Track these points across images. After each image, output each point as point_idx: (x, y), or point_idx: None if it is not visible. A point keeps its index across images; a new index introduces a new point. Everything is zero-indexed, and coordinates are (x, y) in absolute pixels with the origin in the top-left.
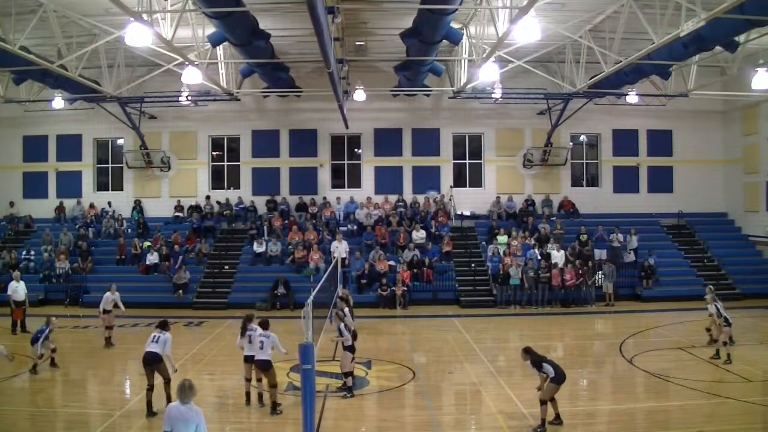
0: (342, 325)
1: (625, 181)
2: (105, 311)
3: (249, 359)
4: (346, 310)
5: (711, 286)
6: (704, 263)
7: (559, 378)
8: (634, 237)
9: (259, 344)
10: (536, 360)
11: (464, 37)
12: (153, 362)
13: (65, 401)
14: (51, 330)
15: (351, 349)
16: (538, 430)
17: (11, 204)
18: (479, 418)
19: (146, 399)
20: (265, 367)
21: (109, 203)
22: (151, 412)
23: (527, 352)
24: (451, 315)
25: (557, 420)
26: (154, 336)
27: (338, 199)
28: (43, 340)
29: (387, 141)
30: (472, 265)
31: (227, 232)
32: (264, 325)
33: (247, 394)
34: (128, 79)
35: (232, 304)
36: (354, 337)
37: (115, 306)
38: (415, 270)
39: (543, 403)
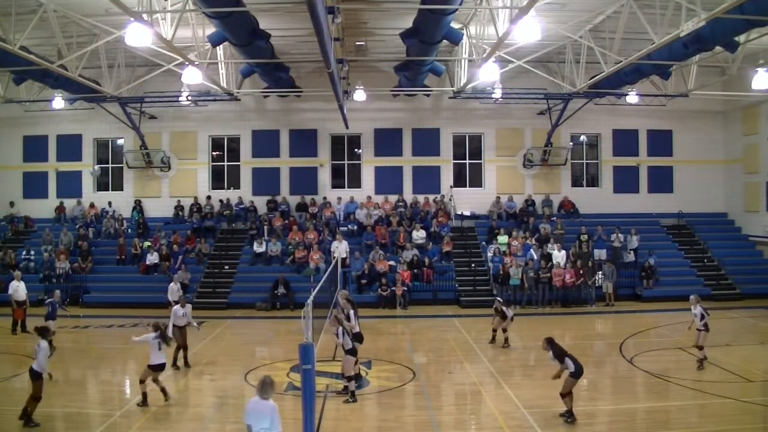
0: (340, 329)
1: (625, 181)
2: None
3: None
4: (352, 312)
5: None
6: (704, 263)
7: (578, 373)
8: (634, 237)
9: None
10: (558, 352)
11: (464, 37)
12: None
13: (65, 401)
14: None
15: (352, 352)
16: (568, 418)
17: (11, 204)
18: (479, 418)
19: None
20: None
21: (110, 203)
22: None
23: (550, 343)
24: (451, 315)
25: (570, 416)
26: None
27: (339, 199)
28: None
29: (387, 141)
30: (472, 265)
31: (227, 232)
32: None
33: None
34: (128, 79)
35: (232, 304)
36: (360, 339)
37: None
38: (415, 270)
39: (564, 396)
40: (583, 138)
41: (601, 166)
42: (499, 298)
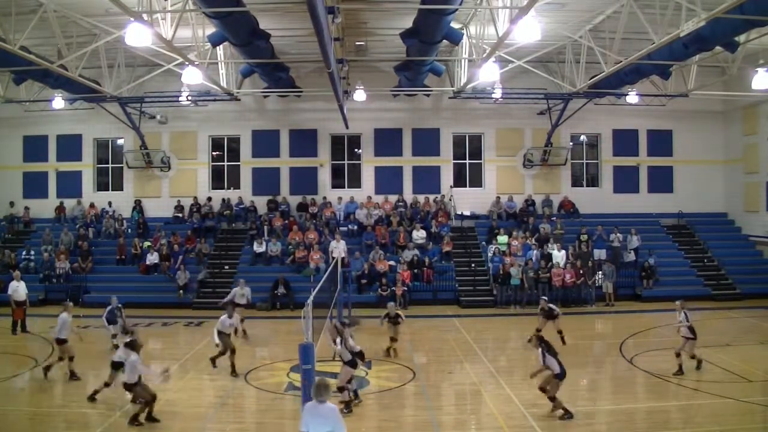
0: (339, 339)
1: (625, 181)
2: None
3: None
4: (338, 340)
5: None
6: (704, 263)
7: (563, 375)
8: (634, 237)
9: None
10: (550, 351)
11: (464, 37)
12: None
13: (65, 401)
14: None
15: (352, 364)
16: (566, 417)
17: (11, 204)
18: (479, 418)
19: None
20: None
21: (110, 203)
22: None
23: (541, 340)
24: (451, 315)
25: (567, 413)
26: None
27: (339, 199)
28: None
29: (387, 141)
30: (472, 265)
31: (227, 232)
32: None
33: None
34: (128, 79)
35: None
36: (361, 357)
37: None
38: (415, 270)
39: (553, 399)
40: (583, 138)
41: (601, 166)
42: (544, 297)
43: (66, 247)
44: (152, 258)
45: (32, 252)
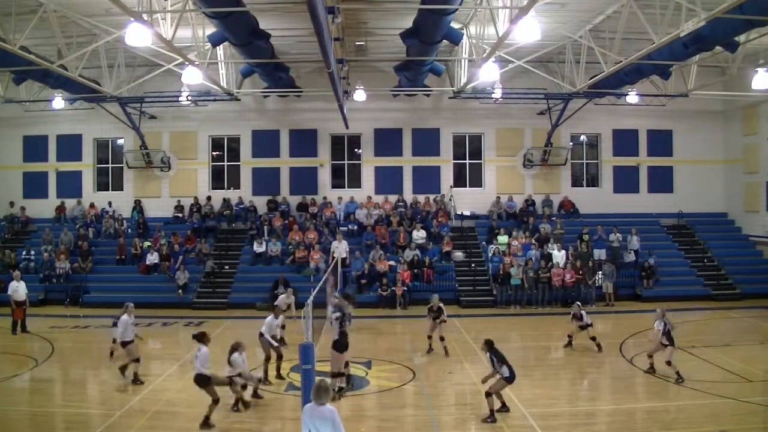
0: (337, 312)
1: (625, 181)
2: None
3: None
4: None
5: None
6: (704, 263)
7: (512, 379)
8: (635, 237)
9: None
10: (497, 356)
11: (464, 37)
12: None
13: (65, 401)
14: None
15: (338, 346)
16: (489, 420)
17: (11, 204)
18: (479, 418)
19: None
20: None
21: (110, 203)
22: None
23: (490, 345)
24: (451, 315)
25: (504, 407)
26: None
27: (339, 199)
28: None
29: (387, 141)
30: (472, 265)
31: (227, 232)
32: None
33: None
34: (128, 79)
35: (233, 304)
36: (345, 338)
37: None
38: (415, 270)
39: (489, 395)
40: (583, 138)
41: (601, 166)
42: (578, 302)
43: (66, 247)
44: (152, 258)
45: (32, 252)
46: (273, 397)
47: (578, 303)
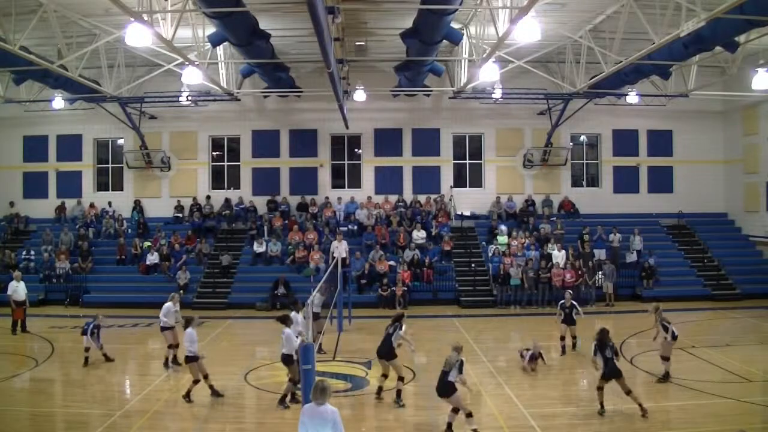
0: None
1: (625, 181)
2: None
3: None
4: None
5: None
6: (704, 263)
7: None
8: (637, 237)
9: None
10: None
11: (464, 37)
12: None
13: (65, 401)
14: (97, 325)
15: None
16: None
17: (11, 204)
18: (479, 418)
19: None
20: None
21: (110, 203)
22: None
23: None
24: (451, 315)
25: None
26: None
27: (339, 199)
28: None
29: (387, 141)
30: (472, 265)
31: (227, 232)
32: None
33: None
34: (128, 79)
35: (233, 304)
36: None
37: None
38: (416, 270)
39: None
40: (583, 138)
41: (601, 166)
42: (569, 290)
43: (66, 247)
44: (152, 258)
45: (32, 252)
46: (273, 397)
47: (570, 291)
